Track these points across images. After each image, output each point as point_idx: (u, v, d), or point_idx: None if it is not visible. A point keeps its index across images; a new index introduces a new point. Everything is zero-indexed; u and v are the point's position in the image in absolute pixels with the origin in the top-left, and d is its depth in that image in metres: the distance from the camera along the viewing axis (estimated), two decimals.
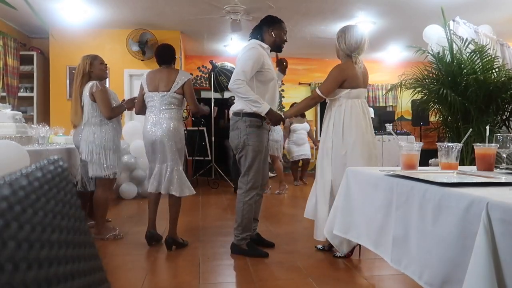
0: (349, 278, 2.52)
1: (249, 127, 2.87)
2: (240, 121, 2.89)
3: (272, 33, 2.95)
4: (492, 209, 0.94)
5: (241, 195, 2.94)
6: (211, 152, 6.90)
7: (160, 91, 3.06)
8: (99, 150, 3.23)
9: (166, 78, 3.07)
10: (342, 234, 1.85)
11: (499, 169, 1.63)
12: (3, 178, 0.43)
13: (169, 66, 3.16)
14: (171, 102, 3.06)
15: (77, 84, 3.31)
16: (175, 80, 3.05)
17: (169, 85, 3.05)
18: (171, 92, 3.04)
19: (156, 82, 3.08)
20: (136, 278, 2.53)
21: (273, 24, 2.98)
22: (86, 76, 3.30)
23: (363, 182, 1.71)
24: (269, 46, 2.98)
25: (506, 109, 3.51)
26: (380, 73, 8.87)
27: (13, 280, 0.37)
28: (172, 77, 3.06)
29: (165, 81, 3.06)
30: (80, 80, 3.30)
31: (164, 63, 3.16)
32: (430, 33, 4.17)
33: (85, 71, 3.30)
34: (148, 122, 3.09)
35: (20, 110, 5.13)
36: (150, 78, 3.13)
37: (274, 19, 3.02)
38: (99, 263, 0.60)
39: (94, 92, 3.21)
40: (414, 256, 1.28)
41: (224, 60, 7.59)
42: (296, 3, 5.30)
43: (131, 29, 6.31)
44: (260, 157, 2.93)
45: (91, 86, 3.22)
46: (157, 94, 3.07)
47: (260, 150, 2.92)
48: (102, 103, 3.21)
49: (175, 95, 3.06)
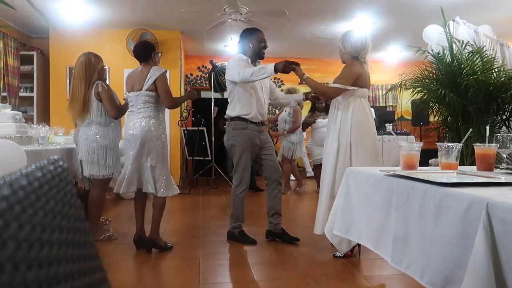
0: (349, 278, 2.52)
1: (234, 129, 3.23)
2: (228, 125, 3.30)
3: (249, 44, 3.23)
4: (492, 209, 0.94)
5: (233, 190, 3.34)
6: (211, 152, 6.91)
7: (135, 90, 2.99)
8: (100, 150, 3.21)
9: (140, 76, 2.99)
10: (342, 234, 1.85)
11: (499, 169, 1.63)
12: (3, 178, 0.43)
13: (146, 63, 3.04)
14: (146, 100, 2.96)
15: (87, 81, 3.21)
16: (146, 77, 2.95)
17: (141, 83, 2.96)
18: (143, 90, 2.95)
19: (132, 81, 3.04)
20: (136, 278, 2.53)
21: (248, 36, 3.26)
22: (97, 74, 3.25)
23: (363, 182, 1.71)
24: (249, 57, 3.24)
25: (506, 109, 3.51)
26: (380, 73, 8.87)
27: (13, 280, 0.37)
28: (144, 75, 2.97)
29: (138, 79, 2.99)
30: (94, 78, 3.22)
31: (141, 60, 3.07)
32: (430, 33, 4.17)
33: (97, 69, 3.25)
34: (128, 123, 3.03)
35: (20, 110, 5.13)
36: (128, 78, 3.09)
37: (249, 31, 3.32)
38: (99, 263, 0.60)
39: (100, 92, 3.18)
40: (415, 256, 1.28)
41: (224, 60, 7.58)
42: (296, 3, 5.29)
43: (131, 29, 6.31)
44: (246, 156, 3.22)
45: (96, 86, 3.20)
46: (133, 93, 3.01)
47: (245, 149, 3.21)
48: (109, 103, 3.17)
49: (148, 93, 2.95)
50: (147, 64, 3.03)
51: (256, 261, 2.84)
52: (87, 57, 3.26)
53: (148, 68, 2.98)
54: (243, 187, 3.27)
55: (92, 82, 3.22)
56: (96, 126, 3.24)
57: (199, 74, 8.54)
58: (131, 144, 2.97)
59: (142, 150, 2.95)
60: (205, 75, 8.27)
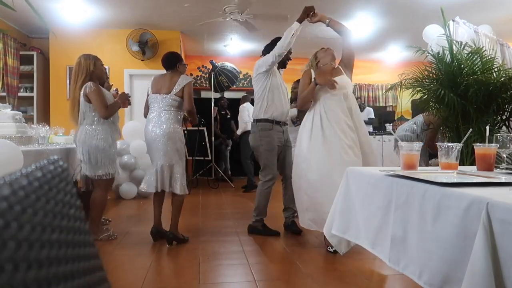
0: (349, 278, 2.52)
1: (261, 130, 3.49)
2: (255, 126, 3.56)
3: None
4: (492, 209, 0.94)
5: (260, 185, 3.56)
6: (211, 152, 6.91)
7: (162, 93, 3.23)
8: (91, 150, 3.22)
9: (169, 82, 3.25)
10: (340, 234, 1.85)
11: (499, 169, 1.63)
12: (3, 178, 0.43)
13: (173, 71, 3.34)
14: (171, 104, 3.21)
15: (78, 84, 3.28)
16: (176, 83, 3.22)
17: (171, 88, 3.22)
18: (171, 95, 3.20)
19: (159, 85, 3.28)
20: (136, 278, 2.53)
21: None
22: (88, 76, 3.28)
23: (363, 182, 1.71)
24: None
25: (506, 109, 3.50)
26: (380, 73, 8.87)
27: (13, 280, 0.37)
28: (174, 80, 3.24)
29: (167, 84, 3.24)
30: (83, 80, 3.27)
31: (168, 68, 3.36)
32: (430, 33, 4.16)
33: (88, 71, 3.29)
34: (150, 123, 3.23)
35: (20, 110, 5.13)
36: (155, 81, 3.33)
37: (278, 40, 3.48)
38: (99, 263, 0.60)
39: (88, 93, 3.20)
40: (414, 256, 1.27)
41: (224, 60, 7.58)
42: (296, 3, 5.29)
43: (131, 29, 6.31)
44: (273, 154, 3.51)
45: (85, 87, 3.22)
46: (159, 96, 3.24)
47: (271, 149, 3.50)
48: (97, 103, 3.19)
49: (175, 97, 3.21)
50: (175, 72, 3.33)
51: (256, 261, 2.84)
52: (78, 60, 3.36)
53: (178, 75, 3.28)
54: (270, 183, 3.52)
55: (81, 83, 3.27)
56: (86, 127, 3.25)
57: (199, 74, 8.54)
58: (155, 144, 3.18)
59: (166, 150, 3.16)
60: (205, 75, 8.27)
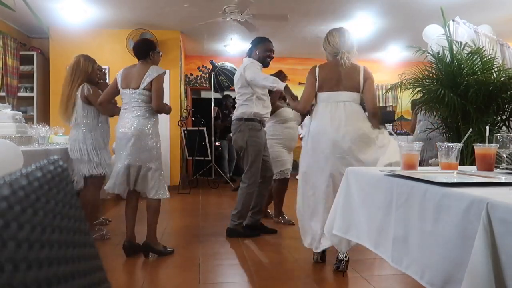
0: (349, 278, 2.52)
1: (251, 130, 3.38)
2: (243, 125, 3.40)
3: (256, 52, 3.47)
4: (492, 209, 0.94)
5: (244, 188, 3.43)
6: (211, 152, 6.91)
7: (131, 88, 2.89)
8: (90, 149, 3.24)
9: (137, 74, 2.89)
10: (341, 234, 1.85)
11: (499, 169, 1.63)
12: (3, 178, 0.43)
13: (144, 61, 2.95)
14: (141, 99, 2.87)
15: (75, 83, 3.27)
16: (144, 76, 2.86)
17: (139, 82, 2.86)
18: (140, 89, 2.85)
19: (129, 78, 2.93)
20: (136, 278, 2.53)
21: (258, 44, 3.51)
22: (86, 78, 3.29)
23: (363, 182, 1.71)
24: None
25: (506, 109, 3.50)
26: (380, 73, 8.86)
27: (13, 280, 0.37)
28: (142, 73, 2.87)
29: (135, 77, 2.89)
30: (81, 80, 3.27)
31: (139, 58, 2.99)
32: (430, 33, 4.16)
33: (87, 73, 3.29)
34: (121, 121, 2.93)
35: (20, 110, 5.13)
36: (124, 74, 2.97)
37: (259, 39, 3.55)
38: (99, 263, 0.60)
39: (88, 96, 3.21)
40: (415, 256, 1.28)
41: (224, 60, 7.58)
42: (296, 3, 5.29)
43: (131, 29, 6.31)
44: (260, 156, 3.42)
45: (83, 89, 3.22)
46: (128, 91, 2.90)
47: (260, 150, 3.42)
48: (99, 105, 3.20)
49: (144, 91, 2.86)
50: (145, 63, 2.94)
51: (256, 261, 2.84)
52: (77, 59, 3.32)
53: (147, 66, 2.89)
54: (255, 186, 3.43)
55: (78, 84, 3.26)
56: (83, 127, 3.26)
57: (199, 74, 8.53)
58: (123, 143, 2.86)
59: (134, 150, 2.83)
60: (205, 75, 8.27)
